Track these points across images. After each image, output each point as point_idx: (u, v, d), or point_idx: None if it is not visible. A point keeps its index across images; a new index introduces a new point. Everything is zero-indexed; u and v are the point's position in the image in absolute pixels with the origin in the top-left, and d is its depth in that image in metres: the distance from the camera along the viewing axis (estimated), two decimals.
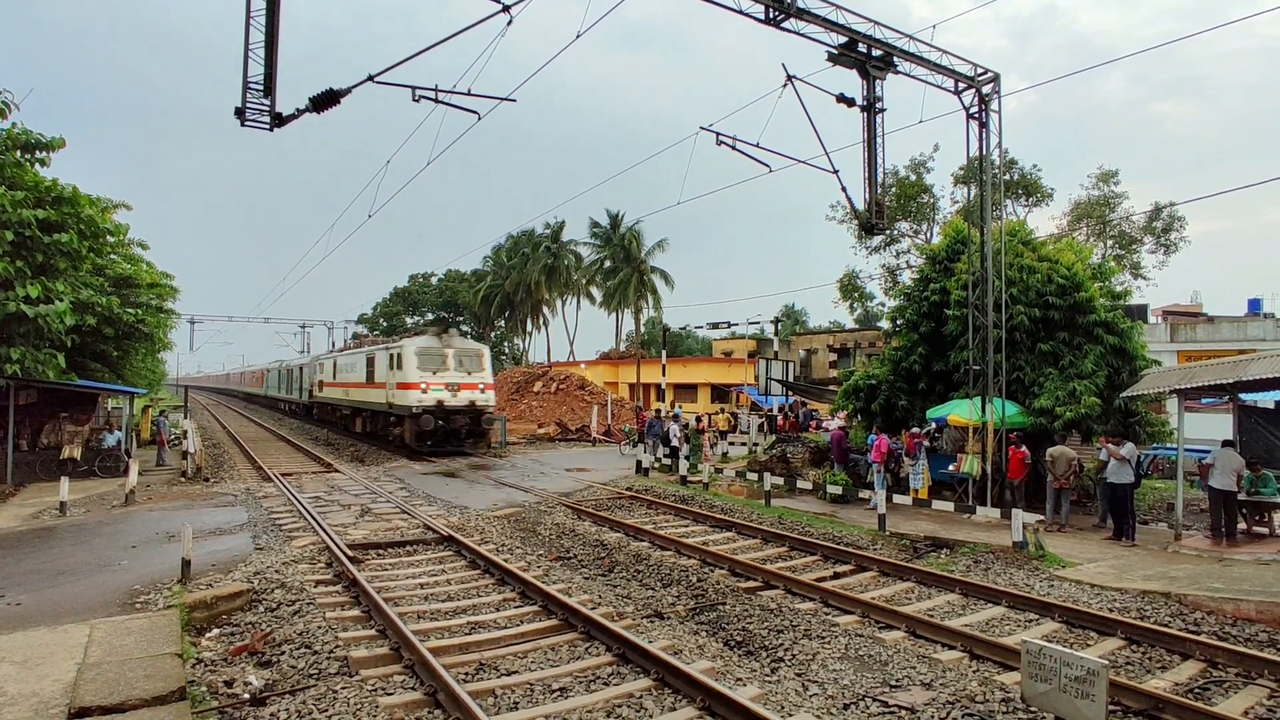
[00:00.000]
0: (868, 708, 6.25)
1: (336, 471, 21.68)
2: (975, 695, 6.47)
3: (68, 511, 14.91)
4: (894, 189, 43.12)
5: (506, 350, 77.54)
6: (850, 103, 14.79)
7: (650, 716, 6.06)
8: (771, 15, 12.75)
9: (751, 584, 10.11)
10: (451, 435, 25.38)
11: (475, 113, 13.13)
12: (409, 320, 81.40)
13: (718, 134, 15.02)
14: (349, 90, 11.50)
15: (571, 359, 66.00)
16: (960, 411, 16.01)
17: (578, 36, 11.79)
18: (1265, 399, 15.80)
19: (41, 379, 18.27)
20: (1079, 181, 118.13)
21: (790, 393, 33.12)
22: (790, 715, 6.10)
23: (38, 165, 17.80)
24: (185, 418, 33.35)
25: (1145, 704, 6.14)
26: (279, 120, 11.17)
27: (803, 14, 12.96)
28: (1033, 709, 5.96)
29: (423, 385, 24.68)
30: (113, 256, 24.40)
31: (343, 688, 6.45)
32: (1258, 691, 6.61)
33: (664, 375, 34.08)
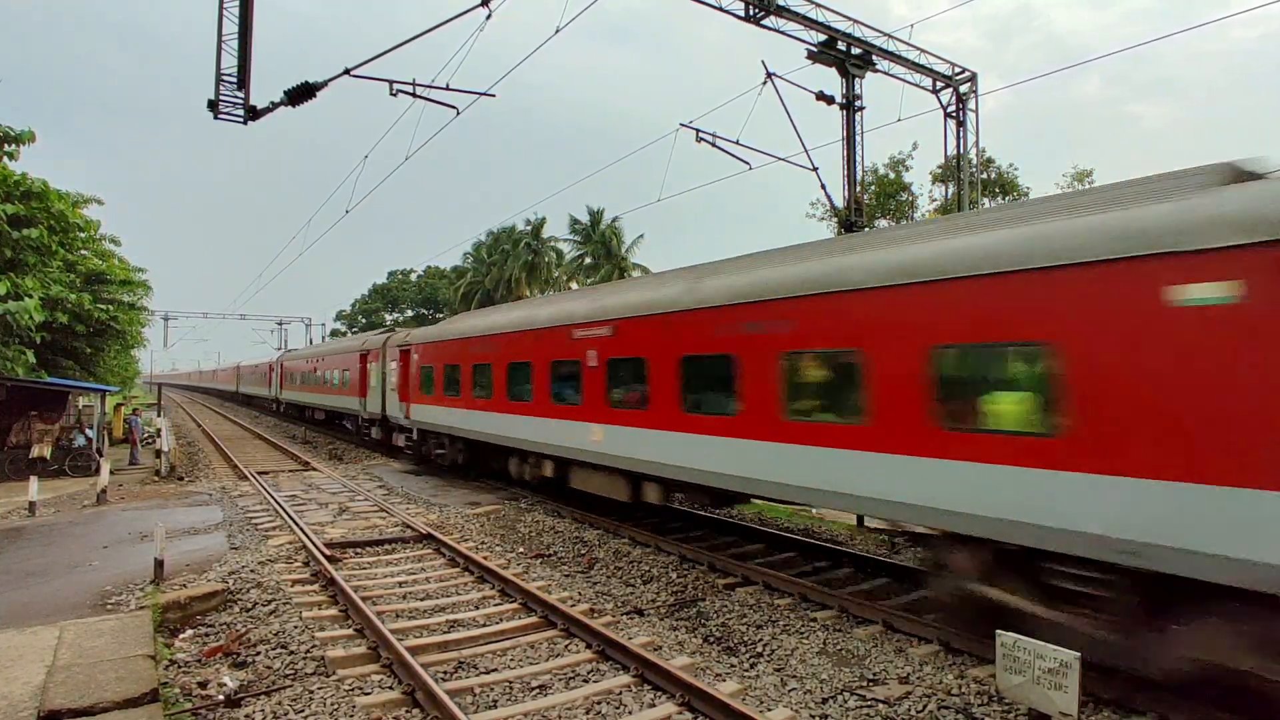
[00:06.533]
0: (846, 701, 6.30)
1: (314, 470, 21.45)
2: (951, 688, 6.55)
3: (37, 511, 14.63)
4: (873, 186, 43.37)
5: None
6: (830, 100, 14.88)
7: (630, 713, 6.06)
8: (751, 12, 12.80)
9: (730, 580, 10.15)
10: None
11: (454, 108, 13.06)
12: (388, 318, 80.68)
13: (697, 131, 15.03)
14: (325, 84, 11.39)
15: None
16: None
17: (557, 31, 11.75)
18: None
19: (10, 376, 17.91)
20: (1054, 180, 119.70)
21: None
22: (769, 710, 6.14)
23: (6, 159, 17.46)
24: (159, 415, 32.85)
25: (1116, 693, 6.24)
26: (253, 113, 11.05)
27: (783, 11, 13.02)
28: (1007, 701, 6.04)
29: None
30: (84, 252, 23.99)
31: (319, 688, 6.39)
32: None
33: None
